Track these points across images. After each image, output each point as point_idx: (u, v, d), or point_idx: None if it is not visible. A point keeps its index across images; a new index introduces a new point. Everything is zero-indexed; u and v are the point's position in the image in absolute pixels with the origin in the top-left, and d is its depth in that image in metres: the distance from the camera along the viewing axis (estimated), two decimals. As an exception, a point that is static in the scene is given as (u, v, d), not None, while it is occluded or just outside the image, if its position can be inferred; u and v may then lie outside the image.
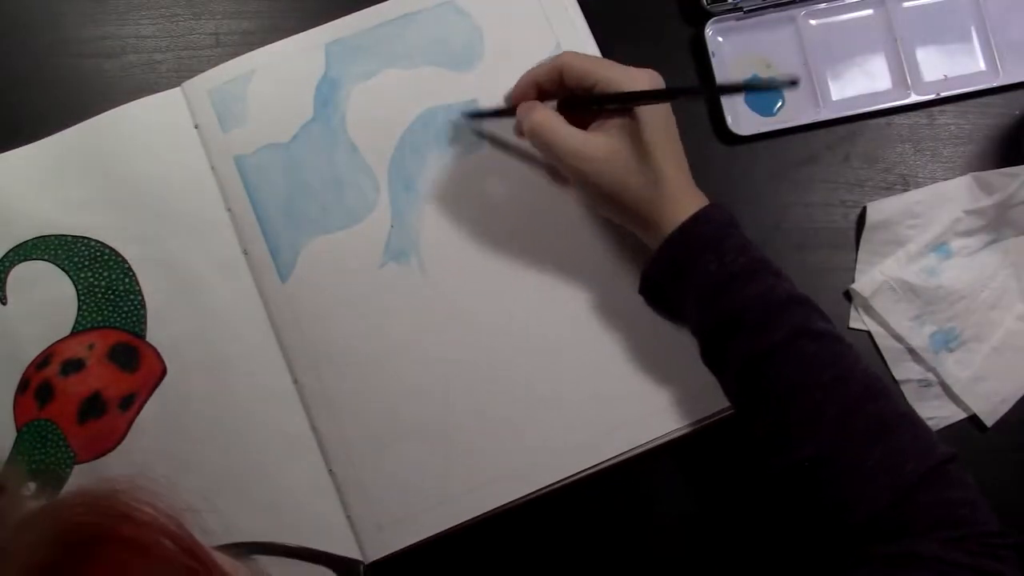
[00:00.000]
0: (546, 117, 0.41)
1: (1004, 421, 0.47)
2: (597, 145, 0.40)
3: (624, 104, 0.40)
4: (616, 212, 0.42)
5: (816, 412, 0.35)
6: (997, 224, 0.48)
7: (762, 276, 0.38)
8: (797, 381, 0.36)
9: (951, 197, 0.49)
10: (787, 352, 0.36)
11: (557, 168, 0.43)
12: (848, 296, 0.49)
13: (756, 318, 0.37)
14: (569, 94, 0.42)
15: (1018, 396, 0.47)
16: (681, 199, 0.39)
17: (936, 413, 0.47)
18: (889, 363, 0.47)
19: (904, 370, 0.47)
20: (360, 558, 0.43)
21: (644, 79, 0.40)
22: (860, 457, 0.35)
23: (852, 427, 0.35)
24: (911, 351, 0.48)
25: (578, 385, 0.45)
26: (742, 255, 0.38)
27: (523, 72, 0.44)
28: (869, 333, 0.48)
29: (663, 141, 0.39)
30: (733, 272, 0.37)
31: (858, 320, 0.48)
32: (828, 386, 0.36)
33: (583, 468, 0.44)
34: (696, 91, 0.39)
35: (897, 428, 0.35)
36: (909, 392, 0.47)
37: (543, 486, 0.43)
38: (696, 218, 0.39)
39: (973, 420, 0.47)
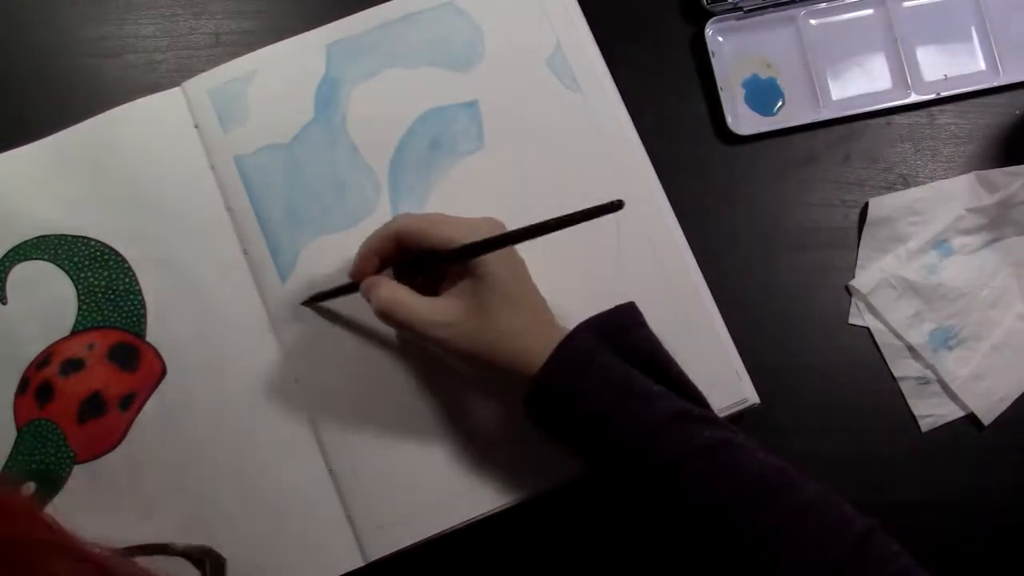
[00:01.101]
0: (393, 291, 0.38)
1: (1001, 420, 0.46)
2: (450, 309, 0.37)
3: (458, 260, 0.37)
4: (488, 370, 0.39)
5: (721, 530, 0.33)
6: (998, 223, 0.47)
7: (627, 407, 0.35)
8: (694, 506, 0.34)
9: (953, 195, 0.48)
10: (671, 483, 0.34)
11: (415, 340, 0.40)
12: (849, 291, 0.47)
13: (631, 457, 0.35)
14: (408, 258, 0.39)
15: (1016, 395, 0.47)
16: (540, 347, 0.36)
17: (934, 411, 0.46)
18: (888, 360, 0.46)
19: (902, 367, 0.46)
20: (360, 558, 0.42)
21: (482, 228, 0.37)
22: (774, 558, 0.32)
23: (759, 532, 0.33)
24: (910, 348, 0.47)
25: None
26: (603, 392, 0.35)
27: (523, 70, 0.42)
28: (868, 330, 0.47)
29: (511, 291, 0.37)
30: (596, 415, 0.35)
31: (858, 316, 0.47)
32: (723, 502, 0.33)
33: (584, 468, 0.42)
34: (517, 237, 0.35)
35: (806, 519, 0.33)
36: (907, 389, 0.46)
37: (544, 485, 0.42)
38: (546, 370, 0.36)
39: (970, 418, 0.46)
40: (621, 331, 0.38)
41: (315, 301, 0.44)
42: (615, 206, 0.30)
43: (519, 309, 0.37)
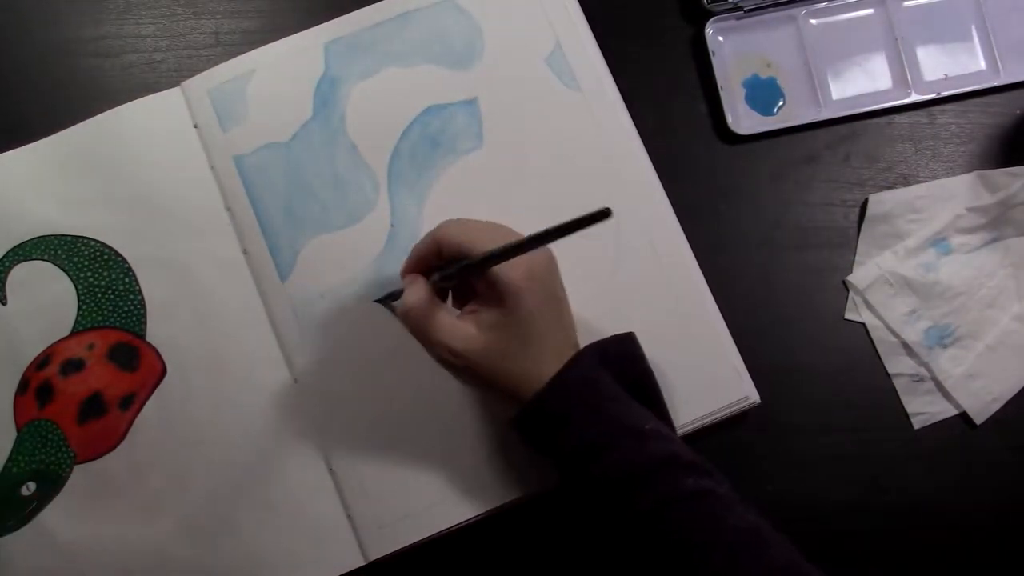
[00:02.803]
0: (418, 300, 0.35)
1: (994, 420, 0.43)
2: (469, 339, 0.34)
3: (487, 267, 0.33)
4: (486, 391, 0.37)
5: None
6: (998, 223, 0.45)
7: (621, 442, 0.33)
8: (671, 551, 0.31)
9: (954, 193, 0.45)
10: (651, 525, 0.32)
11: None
12: (846, 287, 0.45)
13: (615, 492, 0.32)
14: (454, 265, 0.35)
15: (1009, 395, 0.44)
16: (546, 373, 0.34)
17: (927, 408, 0.44)
18: (883, 356, 0.44)
19: (897, 364, 0.44)
20: (361, 557, 0.40)
21: (504, 239, 0.33)
22: None
23: None
24: (905, 345, 0.44)
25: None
26: (597, 424, 0.33)
27: (522, 69, 0.38)
28: (865, 326, 0.44)
29: (536, 331, 0.34)
30: (586, 446, 0.33)
31: (854, 312, 0.45)
32: (700, 552, 0.31)
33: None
34: (541, 238, 0.30)
35: None
36: (901, 386, 0.44)
37: (543, 485, 0.40)
38: (541, 396, 0.34)
39: (963, 417, 0.44)
40: (623, 359, 0.35)
41: (387, 300, 0.41)
42: (603, 215, 0.27)
43: (538, 346, 0.34)
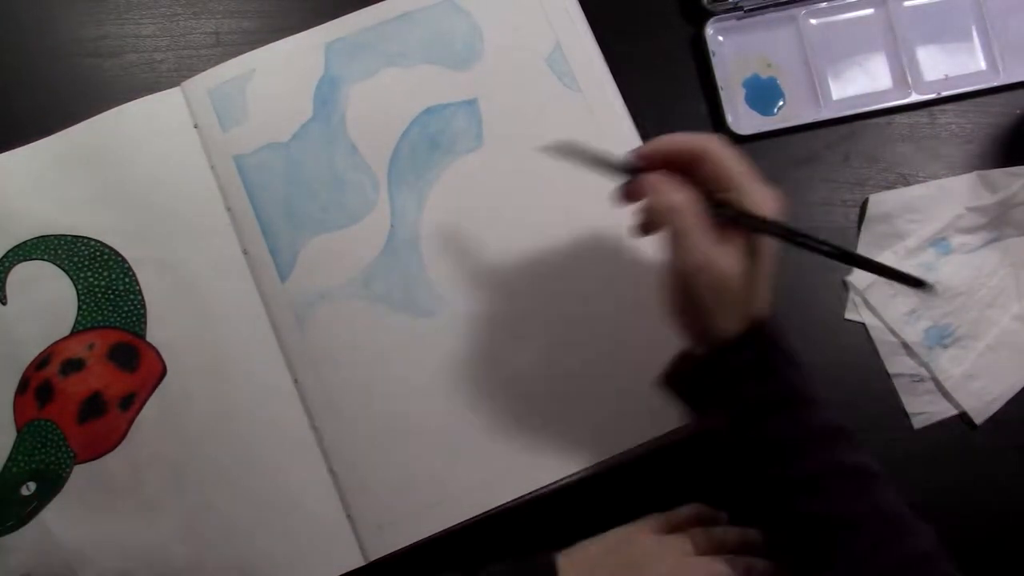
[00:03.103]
0: (690, 208, 0.32)
1: (993, 420, 0.43)
2: (729, 264, 0.32)
3: (784, 239, 0.32)
4: (687, 317, 0.34)
5: (842, 548, 0.31)
6: (998, 223, 0.44)
7: (804, 404, 0.33)
8: (823, 516, 0.32)
9: (954, 193, 0.45)
10: (813, 486, 0.32)
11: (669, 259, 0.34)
12: (846, 286, 0.45)
13: (793, 447, 0.32)
14: (710, 197, 0.33)
15: (1009, 395, 0.44)
16: (748, 321, 0.33)
17: (927, 408, 0.43)
18: (883, 356, 0.44)
19: (897, 364, 0.44)
20: (361, 558, 0.39)
21: (777, 203, 0.32)
22: None
23: (878, 565, 0.31)
24: (905, 345, 0.44)
25: (578, 384, 0.41)
26: (785, 382, 0.33)
27: (522, 69, 0.37)
28: (865, 325, 0.44)
29: (770, 270, 0.33)
30: (790, 394, 0.33)
31: (854, 312, 0.44)
32: (854, 524, 0.31)
33: (583, 467, 0.40)
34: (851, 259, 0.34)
35: (921, 569, 0.31)
36: (901, 386, 0.44)
37: (543, 485, 0.40)
38: (769, 332, 0.33)
39: (963, 417, 0.43)
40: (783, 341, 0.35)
41: (568, 153, 0.35)
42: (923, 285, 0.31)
43: (760, 295, 0.33)
